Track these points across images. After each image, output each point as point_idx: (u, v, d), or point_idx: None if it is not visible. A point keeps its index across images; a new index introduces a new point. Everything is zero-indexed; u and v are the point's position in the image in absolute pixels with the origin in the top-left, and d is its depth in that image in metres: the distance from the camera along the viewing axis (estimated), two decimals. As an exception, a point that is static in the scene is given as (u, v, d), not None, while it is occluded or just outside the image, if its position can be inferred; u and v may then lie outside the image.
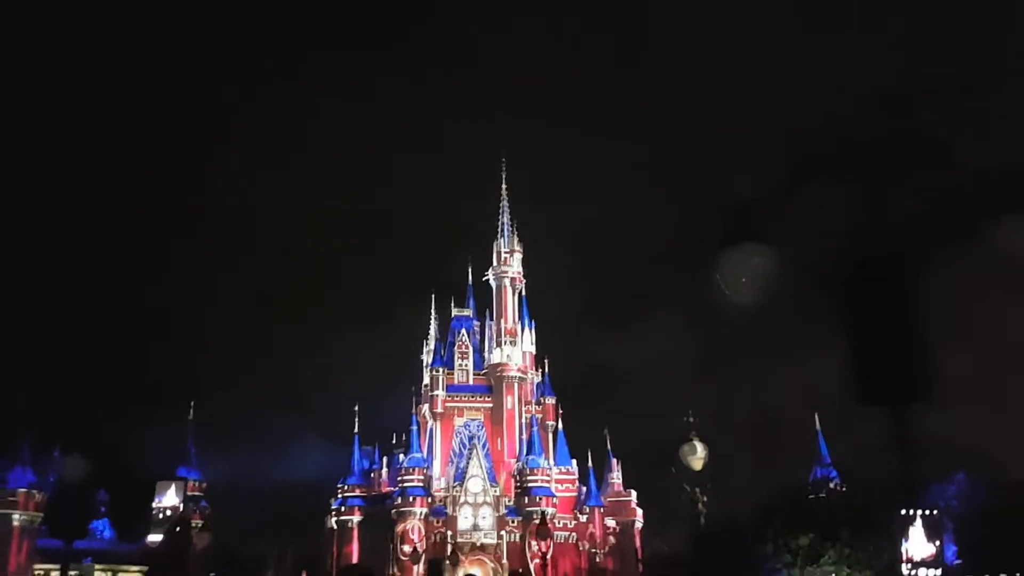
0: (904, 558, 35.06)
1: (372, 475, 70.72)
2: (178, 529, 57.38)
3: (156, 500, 61.93)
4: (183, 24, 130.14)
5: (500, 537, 63.16)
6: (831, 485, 49.39)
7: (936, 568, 35.61)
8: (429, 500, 64.21)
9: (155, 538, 57.79)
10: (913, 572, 35.47)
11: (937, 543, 36.14)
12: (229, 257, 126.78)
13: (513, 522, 63.62)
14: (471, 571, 60.61)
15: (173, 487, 62.66)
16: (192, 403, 69.17)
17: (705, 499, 19.43)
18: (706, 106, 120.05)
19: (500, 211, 76.72)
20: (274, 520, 64.63)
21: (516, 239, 75.21)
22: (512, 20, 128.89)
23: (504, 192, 77.31)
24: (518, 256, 74.64)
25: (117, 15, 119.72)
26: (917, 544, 37.77)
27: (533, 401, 71.36)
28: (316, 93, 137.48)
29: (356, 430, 71.16)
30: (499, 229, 75.74)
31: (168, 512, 60.60)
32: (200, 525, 61.25)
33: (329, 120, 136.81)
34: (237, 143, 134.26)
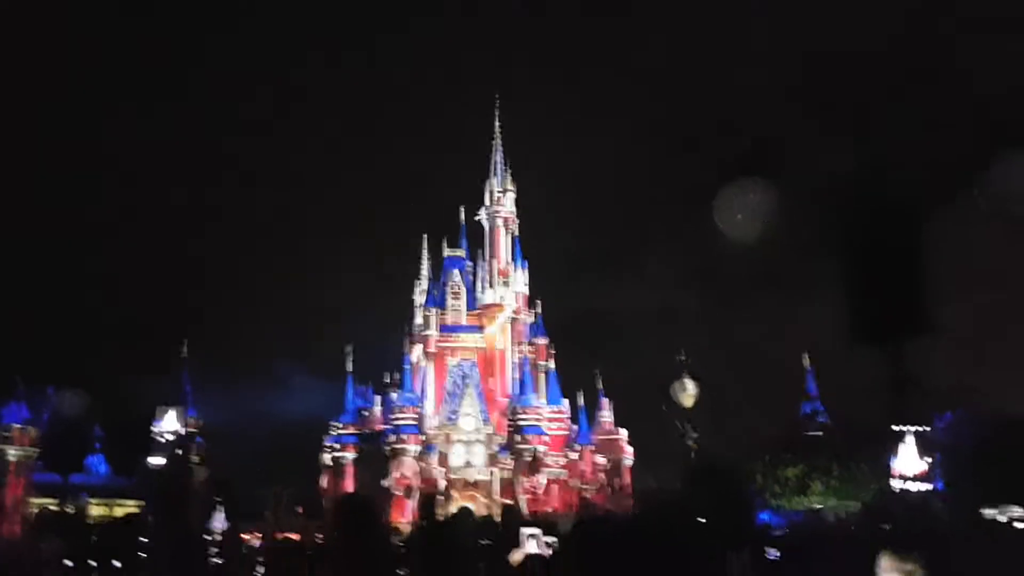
0: (895, 474, 35.55)
1: (365, 414, 71.35)
2: (179, 452, 57.54)
3: (155, 424, 61.71)
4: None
5: (492, 474, 64.08)
6: (819, 421, 50.04)
7: (928, 483, 36.12)
8: (422, 438, 64.94)
9: (155, 461, 57.87)
10: (904, 486, 35.98)
11: (929, 459, 36.67)
12: (224, 195, 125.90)
13: (505, 460, 64.50)
14: (464, 505, 61.59)
15: (173, 412, 62.35)
16: (185, 341, 69.21)
17: (696, 435, 19.60)
18: (707, 44, 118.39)
19: (493, 149, 75.96)
20: (269, 458, 65.32)
21: (509, 178, 74.61)
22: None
23: (497, 130, 76.46)
24: (511, 195, 74.14)
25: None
26: (908, 460, 38.29)
27: (526, 341, 71.63)
28: (309, 28, 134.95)
29: (350, 369, 71.72)
30: (492, 167, 75.07)
31: (169, 437, 60.48)
32: (197, 461, 61.78)
33: (321, 58, 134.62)
34: (227, 81, 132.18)
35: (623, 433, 70.43)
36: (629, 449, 69.95)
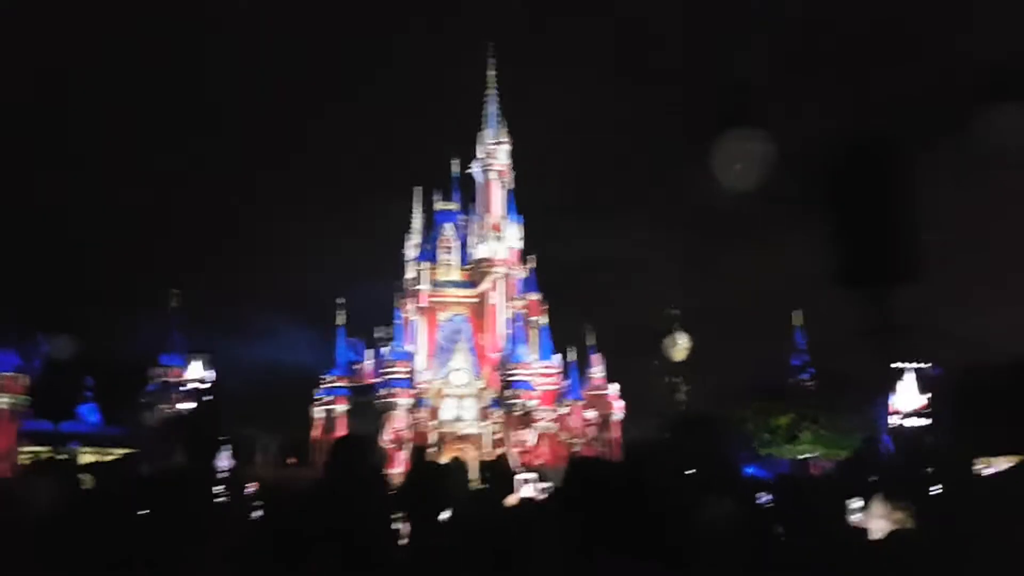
0: (891, 411, 35.85)
1: (357, 367, 71.54)
2: (209, 398, 57.42)
3: (186, 373, 61.37)
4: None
5: (483, 428, 64.61)
6: (809, 373, 50.47)
7: (927, 418, 36.40)
8: (413, 392, 65.26)
9: (187, 405, 57.75)
10: (901, 422, 36.27)
11: (929, 396, 36.92)
12: (213, 146, 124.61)
13: (496, 414, 64.98)
14: (456, 457, 62.21)
15: (199, 362, 61.75)
16: (176, 291, 69.10)
17: (686, 388, 19.72)
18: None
19: (486, 100, 75.10)
20: (260, 408, 65.58)
21: (504, 130, 73.89)
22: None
23: (491, 80, 75.52)
24: (505, 148, 73.47)
25: None
26: (907, 396, 38.56)
27: (518, 296, 71.67)
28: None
29: (341, 323, 71.69)
30: (485, 119, 74.29)
31: (201, 385, 59.89)
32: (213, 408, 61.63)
33: (313, 5, 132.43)
34: (219, 30, 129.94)
35: (613, 388, 70.86)
36: (619, 404, 70.46)
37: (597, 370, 71.54)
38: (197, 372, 60.07)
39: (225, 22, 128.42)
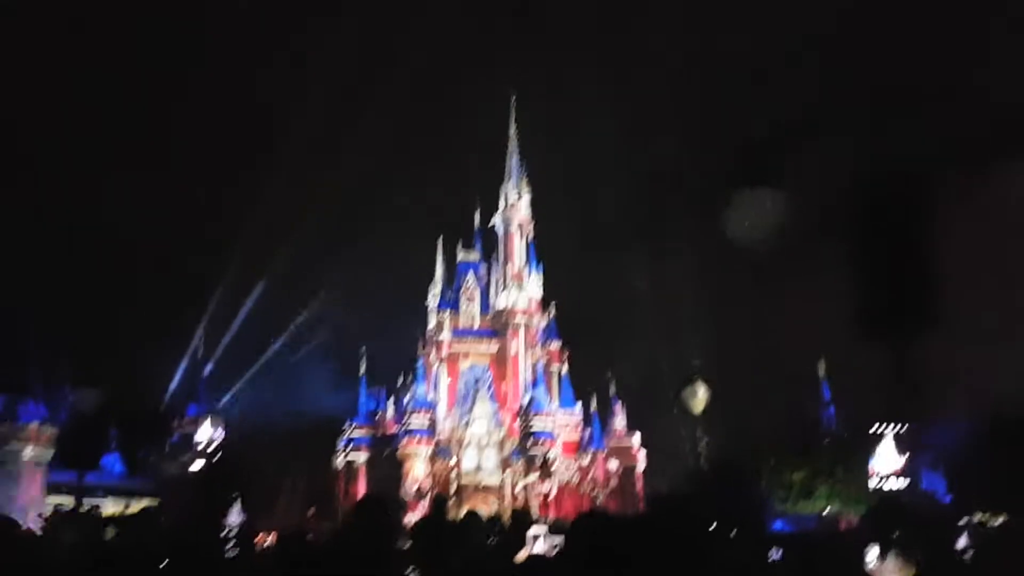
0: (871, 473, 35.56)
1: (378, 416, 71.65)
2: (218, 458, 58.13)
3: (198, 434, 62.58)
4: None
5: (504, 478, 64.17)
6: (829, 424, 49.85)
7: (904, 479, 36.22)
8: (434, 441, 65.13)
9: (198, 464, 58.63)
10: (880, 483, 36.06)
11: (907, 455, 36.77)
12: (238, 193, 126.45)
13: (517, 463, 64.57)
14: (475, 510, 61.67)
15: (209, 419, 63.17)
16: (202, 338, 69.75)
17: (706, 440, 19.64)
18: (721, 43, 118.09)
19: (508, 153, 76.04)
20: (282, 458, 65.63)
21: (525, 182, 74.70)
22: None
23: (513, 133, 76.51)
24: (526, 199, 74.19)
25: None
26: (886, 459, 38.54)
27: (539, 345, 71.69)
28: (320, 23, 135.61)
29: (363, 371, 72.02)
30: (507, 171, 75.17)
31: (204, 443, 61.03)
32: (228, 469, 62.09)
33: (334, 54, 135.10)
34: (235, 85, 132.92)
35: (636, 438, 70.35)
36: (642, 454, 69.88)
37: (619, 419, 71.14)
38: (206, 433, 60.93)
39: (253, 73, 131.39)
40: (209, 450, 58.78)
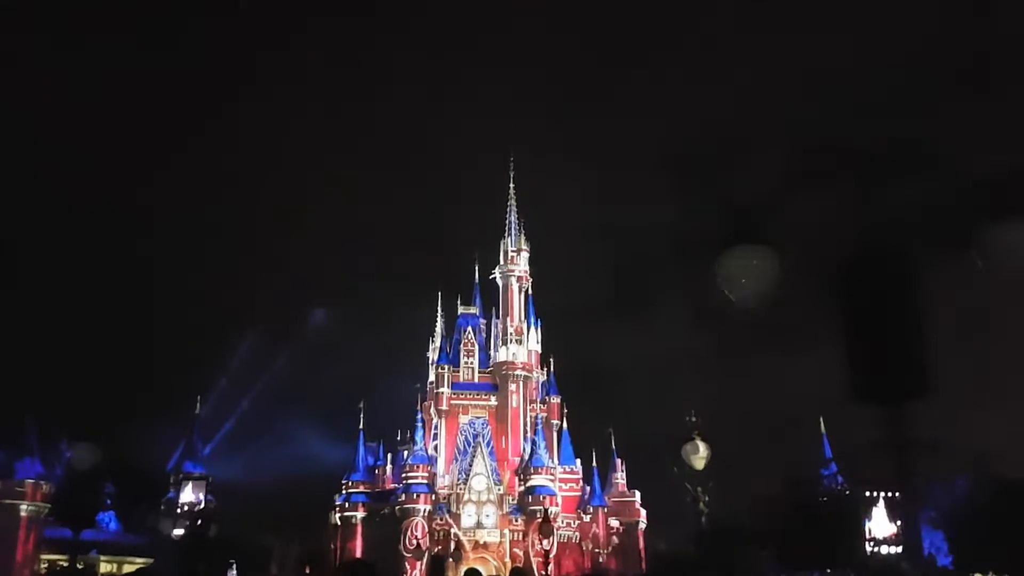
0: (867, 537, 35.40)
1: (376, 471, 71.08)
2: (199, 523, 57.98)
3: (182, 496, 62.74)
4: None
5: (503, 535, 63.42)
6: (835, 487, 49.45)
7: (897, 546, 36.11)
8: (433, 497, 64.54)
9: (178, 531, 58.63)
10: (875, 549, 35.96)
11: (899, 523, 36.70)
12: (232, 249, 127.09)
13: (516, 520, 63.86)
14: (474, 567, 60.80)
15: (191, 485, 63.45)
16: (199, 397, 69.62)
17: (707, 499, 19.57)
18: (708, 104, 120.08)
19: (507, 209, 76.79)
20: (278, 515, 64.95)
21: (523, 238, 75.31)
22: (512, 19, 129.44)
23: (511, 190, 77.39)
24: (525, 255, 74.74)
25: None
26: (879, 524, 38.51)
27: (538, 400, 71.45)
28: (318, 84, 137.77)
29: (361, 426, 71.64)
30: (506, 228, 75.84)
31: (187, 507, 61.24)
32: (214, 532, 61.69)
33: (332, 115, 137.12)
34: (231, 136, 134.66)
35: (637, 495, 69.73)
36: (643, 511, 69.17)
37: (620, 475, 70.60)
38: (188, 496, 60.83)
39: (251, 124, 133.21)
40: (193, 513, 58.63)
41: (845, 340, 7.39)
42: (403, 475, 65.78)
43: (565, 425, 70.64)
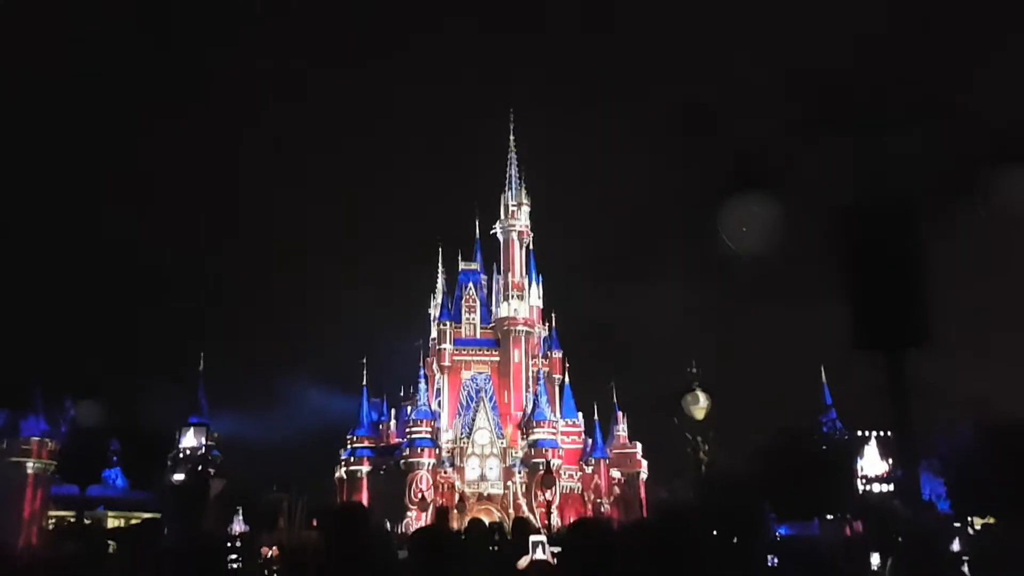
0: (859, 475, 35.85)
1: (380, 427, 71.72)
2: (199, 468, 58.38)
3: (180, 441, 62.89)
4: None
5: (506, 487, 64.13)
6: (834, 435, 49.77)
7: (888, 484, 36.68)
8: (437, 451, 65.16)
9: (179, 477, 59.01)
10: (867, 487, 36.48)
11: (889, 460, 37.23)
12: (241, 206, 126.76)
13: (519, 473, 64.54)
14: (478, 518, 61.57)
15: (192, 430, 63.60)
16: (202, 354, 69.85)
17: (707, 448, 19.67)
18: (712, 53, 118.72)
19: (508, 163, 76.24)
20: (284, 470, 65.66)
21: (524, 192, 74.86)
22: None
23: (512, 144, 76.73)
24: (526, 209, 74.36)
25: None
26: (871, 462, 39.07)
27: (540, 355, 71.73)
28: (322, 44, 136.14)
29: (364, 382, 72.13)
30: (507, 182, 75.36)
31: (188, 452, 61.39)
32: (213, 473, 62.19)
33: (340, 70, 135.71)
34: (244, 90, 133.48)
35: (638, 447, 70.37)
36: (644, 463, 69.86)
37: (621, 428, 71.17)
38: (190, 441, 61.08)
39: (246, 85, 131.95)
40: (197, 457, 58.76)
41: (846, 288, 7.29)
42: (407, 430, 66.32)
43: (567, 379, 71.01)
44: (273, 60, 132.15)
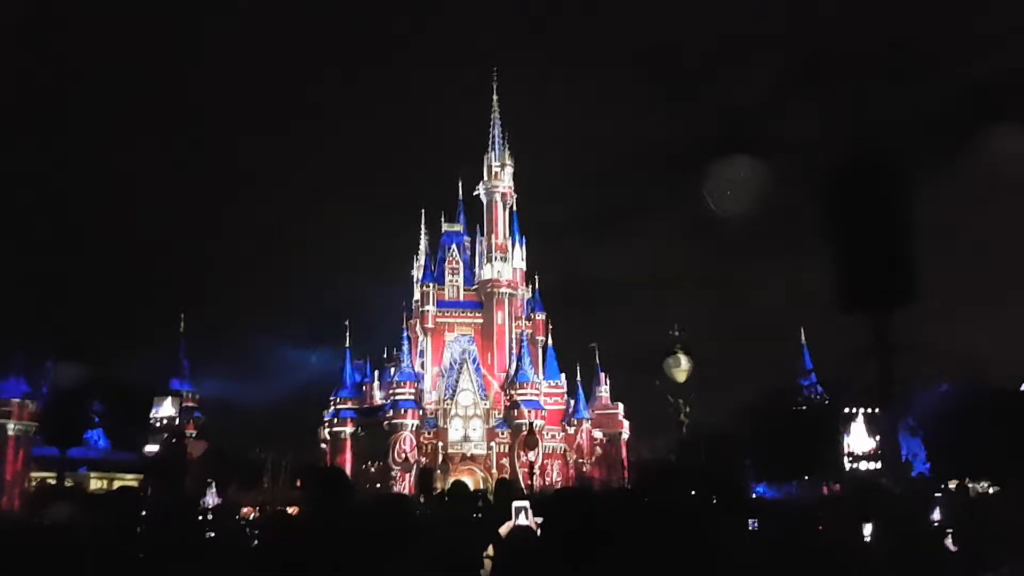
0: (845, 452, 36.38)
1: (364, 388, 71.81)
2: (174, 440, 58.40)
3: (153, 411, 62.88)
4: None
5: (490, 448, 64.60)
6: (814, 397, 50.16)
7: (875, 462, 37.26)
8: (420, 413, 65.44)
9: (152, 448, 58.99)
10: (854, 465, 37.08)
11: (877, 438, 37.75)
12: (221, 170, 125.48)
13: (503, 434, 65.01)
14: (461, 479, 62.08)
15: (169, 399, 63.64)
16: (182, 314, 69.54)
17: (688, 410, 19.75)
18: (700, 12, 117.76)
19: (491, 124, 75.59)
20: (268, 431, 65.83)
21: (507, 153, 74.35)
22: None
23: (495, 104, 76.02)
24: (509, 170, 73.90)
25: None
26: (858, 439, 39.61)
27: (523, 316, 71.86)
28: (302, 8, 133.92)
29: (348, 344, 72.14)
30: (490, 142, 74.77)
31: (164, 422, 61.50)
32: (194, 435, 62.31)
33: (318, 31, 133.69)
34: (226, 50, 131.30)
35: (620, 407, 70.94)
36: (626, 423, 70.49)
37: (603, 389, 71.66)
38: (167, 411, 60.98)
39: (232, 40, 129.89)
40: (170, 427, 58.87)
41: (831, 248, 7.23)
42: (390, 391, 66.50)
43: (550, 341, 71.24)
44: (258, 21, 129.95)
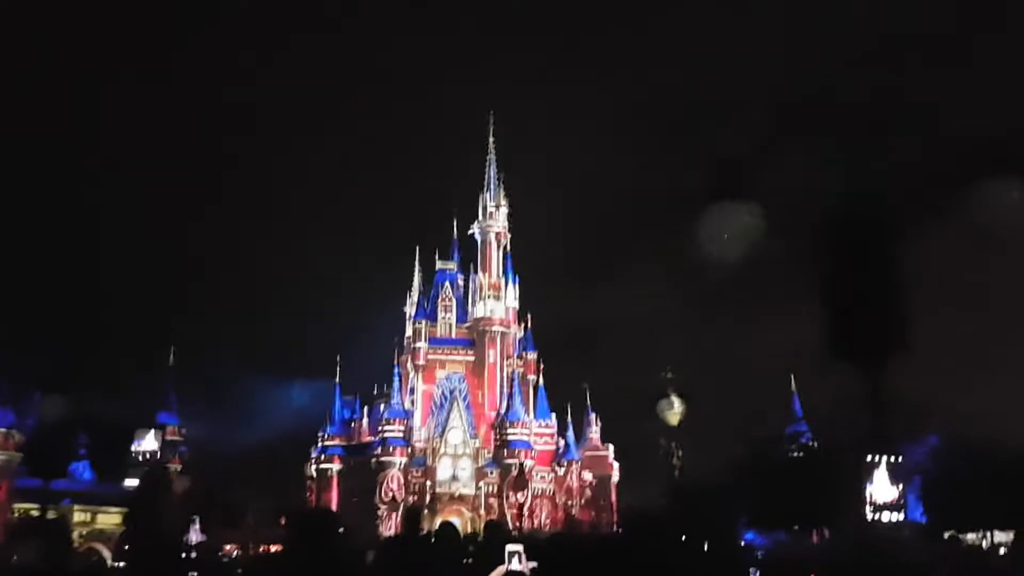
0: (868, 501, 35.91)
1: (353, 425, 71.22)
2: (155, 475, 57.74)
3: (135, 444, 62.33)
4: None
5: (478, 488, 63.94)
6: (806, 444, 49.98)
7: (899, 512, 36.72)
8: (409, 451, 64.87)
9: (132, 482, 58.28)
10: (876, 515, 36.56)
11: (900, 487, 37.26)
12: (215, 200, 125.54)
13: (492, 473, 64.39)
14: (449, 520, 61.42)
15: (152, 432, 63.06)
16: (172, 349, 69.14)
17: (681, 453, 19.67)
18: (695, 64, 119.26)
19: (487, 164, 76.09)
20: (254, 467, 65.09)
21: (502, 193, 74.77)
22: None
23: (491, 145, 76.58)
24: (504, 210, 74.28)
25: None
26: (881, 488, 39.01)
27: (515, 355, 71.59)
28: (307, 38, 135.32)
29: (338, 380, 71.68)
30: (485, 183, 75.21)
31: (147, 456, 60.92)
32: (178, 469, 61.63)
33: (318, 69, 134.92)
34: (225, 84, 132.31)
35: (610, 448, 70.47)
36: (616, 465, 69.99)
37: (594, 430, 71.23)
38: (150, 445, 60.43)
39: (238, 74, 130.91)
40: (151, 461, 58.30)
41: (822, 299, 7.29)
42: (379, 428, 65.96)
43: (541, 380, 70.94)
44: (259, 57, 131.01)
